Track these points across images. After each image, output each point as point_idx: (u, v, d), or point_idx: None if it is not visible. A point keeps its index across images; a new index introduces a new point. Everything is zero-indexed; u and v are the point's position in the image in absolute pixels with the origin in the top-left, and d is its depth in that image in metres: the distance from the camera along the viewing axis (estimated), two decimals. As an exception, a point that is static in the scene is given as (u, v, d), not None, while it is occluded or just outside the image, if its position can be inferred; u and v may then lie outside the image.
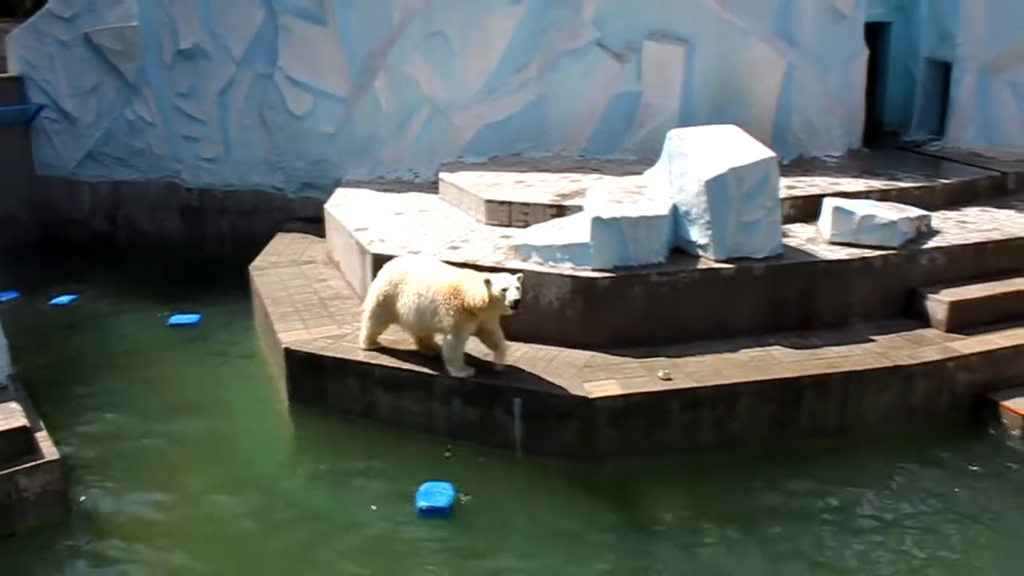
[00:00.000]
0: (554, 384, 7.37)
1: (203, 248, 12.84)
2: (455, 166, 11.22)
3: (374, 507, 6.89)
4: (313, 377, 8.05)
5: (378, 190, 11.14)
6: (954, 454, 7.58)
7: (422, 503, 6.79)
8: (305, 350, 8.06)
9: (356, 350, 8.01)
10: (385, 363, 7.83)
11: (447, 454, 7.45)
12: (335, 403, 8.02)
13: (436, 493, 6.87)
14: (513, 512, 6.88)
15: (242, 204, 12.56)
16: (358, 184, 11.42)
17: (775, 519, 6.76)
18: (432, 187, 11.08)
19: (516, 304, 7.00)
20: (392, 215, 10.02)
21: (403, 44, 11.34)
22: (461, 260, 8.34)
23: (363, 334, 8.01)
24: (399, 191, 11.11)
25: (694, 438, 7.44)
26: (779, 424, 7.58)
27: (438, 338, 7.77)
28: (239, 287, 10.35)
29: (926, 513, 6.83)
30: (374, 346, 8.01)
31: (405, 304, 7.57)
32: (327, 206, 10.59)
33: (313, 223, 11.30)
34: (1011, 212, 10.15)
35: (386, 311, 7.77)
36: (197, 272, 12.06)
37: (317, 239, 11.03)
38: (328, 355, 7.99)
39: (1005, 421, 7.84)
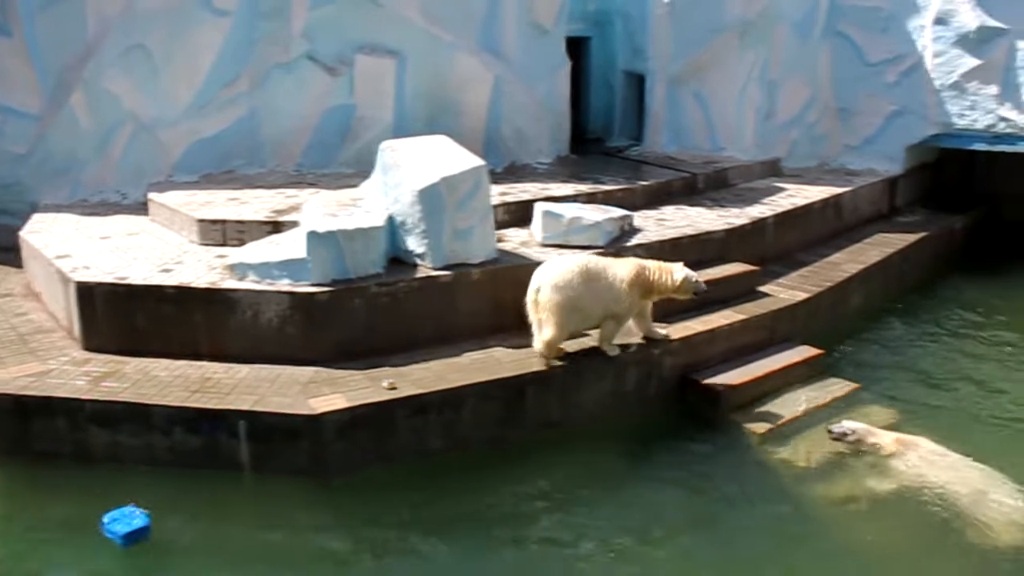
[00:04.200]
0: (279, 403, 7.23)
1: None
2: (165, 185, 10.72)
3: (82, 552, 6.47)
4: (13, 421, 7.37)
5: (81, 214, 10.42)
6: (663, 431, 8.27)
7: (119, 530, 6.46)
8: (3, 391, 7.40)
9: (63, 387, 7.45)
10: (97, 397, 7.35)
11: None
12: (41, 447, 7.40)
13: (126, 518, 6.57)
14: (235, 536, 6.72)
15: (-82, 235, 11.31)
16: (59, 208, 10.63)
17: (507, 514, 7.03)
18: (141, 208, 10.51)
19: (704, 292, 8.32)
20: (97, 240, 9.41)
21: (101, 57, 10.69)
22: (175, 283, 8.01)
23: (552, 343, 7.87)
24: (105, 214, 10.45)
25: (424, 443, 7.55)
26: (505, 422, 7.85)
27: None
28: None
29: (646, 486, 7.44)
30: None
31: (595, 298, 7.86)
32: (23, 233, 9.76)
33: (8, 252, 10.36)
34: (701, 209, 11.13)
35: (575, 313, 7.84)
36: None
37: (13, 269, 10.13)
38: (30, 395, 7.36)
39: (704, 397, 8.58)
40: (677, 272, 8.16)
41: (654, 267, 8.15)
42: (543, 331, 7.86)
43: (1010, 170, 14.59)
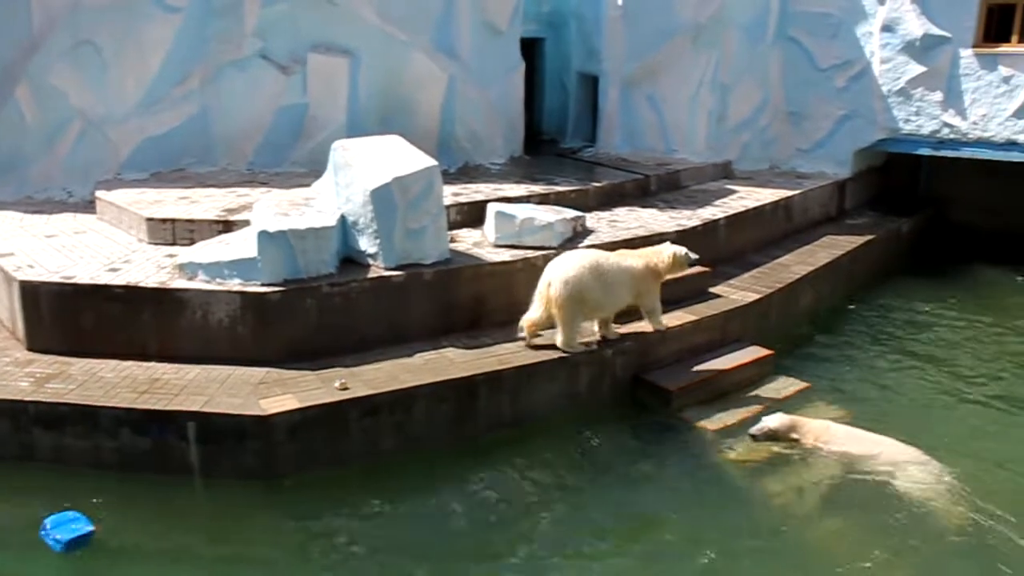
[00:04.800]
0: (229, 404, 7.15)
1: None
2: (113, 183, 10.56)
3: (23, 557, 6.31)
4: (-46, 423, 7.24)
5: (26, 212, 10.24)
6: (615, 430, 8.32)
7: (60, 535, 6.30)
8: (-59, 394, 7.24)
9: (5, 388, 7.28)
10: (41, 399, 7.21)
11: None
12: (-17, 448, 7.27)
13: (67, 523, 6.41)
14: (184, 538, 6.60)
15: None
16: (2, 206, 10.43)
17: (459, 514, 7.01)
18: (89, 207, 10.36)
19: (697, 261, 8.91)
20: (43, 238, 9.24)
21: (47, 53, 10.51)
22: (123, 282, 7.90)
23: (572, 337, 8.31)
24: (51, 212, 10.27)
25: (376, 444, 7.52)
26: (457, 422, 7.84)
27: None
28: None
29: (597, 485, 7.46)
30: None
31: (606, 292, 8.27)
32: (-38, 232, 9.58)
33: (-51, 251, 10.17)
34: (653, 211, 11.23)
35: (583, 306, 8.24)
36: None
37: (-45, 269, 9.93)
38: (-30, 397, 7.22)
39: (655, 396, 8.66)
40: (665, 251, 8.68)
41: (650, 253, 8.68)
42: (557, 327, 8.33)
43: (954, 175, 14.95)
